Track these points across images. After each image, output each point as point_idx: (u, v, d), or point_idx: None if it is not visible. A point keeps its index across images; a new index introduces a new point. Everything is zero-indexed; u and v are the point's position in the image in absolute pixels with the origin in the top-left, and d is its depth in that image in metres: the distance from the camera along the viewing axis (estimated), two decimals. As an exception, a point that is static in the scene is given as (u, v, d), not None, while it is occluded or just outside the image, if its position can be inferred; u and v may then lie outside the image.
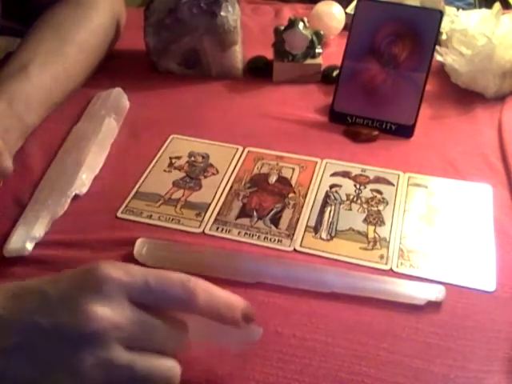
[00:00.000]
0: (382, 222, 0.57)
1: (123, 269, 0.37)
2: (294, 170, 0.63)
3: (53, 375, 0.35)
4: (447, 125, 0.72)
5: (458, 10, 0.85)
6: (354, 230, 0.56)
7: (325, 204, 0.59)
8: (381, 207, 0.58)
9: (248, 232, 0.55)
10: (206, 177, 0.63)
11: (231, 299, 0.39)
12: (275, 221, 0.57)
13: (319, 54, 0.79)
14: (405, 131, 0.69)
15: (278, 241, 0.54)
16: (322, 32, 0.79)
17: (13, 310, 0.36)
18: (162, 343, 0.37)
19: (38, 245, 0.53)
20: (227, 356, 0.44)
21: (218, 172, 0.63)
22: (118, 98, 0.73)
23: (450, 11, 0.84)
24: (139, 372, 0.36)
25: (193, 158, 0.65)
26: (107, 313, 0.35)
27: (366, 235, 0.55)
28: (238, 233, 0.55)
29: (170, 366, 0.37)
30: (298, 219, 0.57)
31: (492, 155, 0.66)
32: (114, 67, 0.80)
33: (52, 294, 0.36)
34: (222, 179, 0.62)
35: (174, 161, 0.65)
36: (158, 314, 0.37)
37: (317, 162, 0.64)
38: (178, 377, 0.38)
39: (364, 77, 0.71)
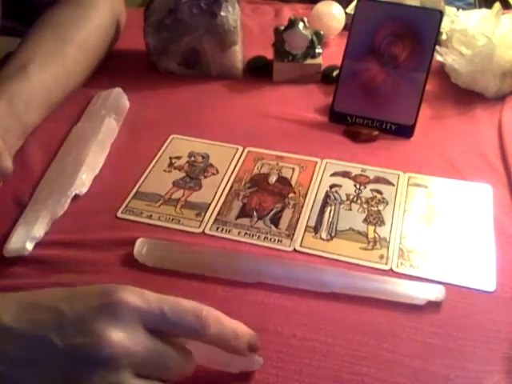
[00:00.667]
0: (381, 222, 0.57)
1: (139, 295, 0.37)
2: (293, 170, 0.63)
3: None
4: (447, 125, 0.72)
5: (458, 9, 0.85)
6: (354, 229, 0.56)
7: (325, 204, 0.59)
8: (381, 207, 0.58)
9: (248, 232, 0.55)
10: (206, 177, 0.63)
11: (238, 329, 0.40)
12: (275, 221, 0.57)
13: (319, 54, 0.79)
14: (405, 131, 0.69)
15: (278, 241, 0.54)
16: (322, 32, 0.79)
17: (27, 325, 0.36)
18: (170, 371, 0.38)
19: (38, 245, 0.53)
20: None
21: (217, 172, 0.63)
22: (118, 98, 0.73)
23: (450, 11, 0.84)
24: None
25: (193, 158, 0.65)
26: (121, 338, 0.35)
27: (366, 235, 0.55)
28: (238, 233, 0.55)
29: None
30: (298, 219, 0.57)
31: (492, 155, 0.66)
32: (114, 67, 0.81)
33: (67, 314, 0.36)
34: (222, 179, 0.62)
35: (174, 161, 0.65)
36: (167, 341, 0.38)
37: (317, 162, 0.64)
38: None
39: (364, 77, 0.71)
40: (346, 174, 0.63)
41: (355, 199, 0.59)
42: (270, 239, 0.55)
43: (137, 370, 0.36)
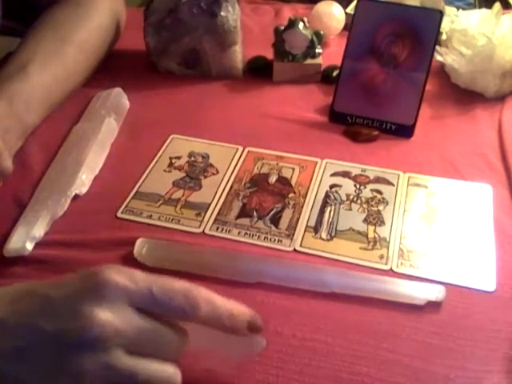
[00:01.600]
0: (382, 222, 0.57)
1: (128, 275, 0.37)
2: (293, 170, 0.63)
3: (54, 379, 0.35)
4: (447, 125, 0.72)
5: (458, 9, 0.85)
6: (354, 230, 0.56)
7: (325, 204, 0.59)
8: (381, 207, 0.58)
9: (248, 232, 0.55)
10: (206, 177, 0.63)
11: (233, 308, 0.39)
12: (275, 221, 0.57)
13: (319, 54, 0.79)
14: (405, 131, 0.69)
15: (278, 241, 0.54)
16: (321, 32, 0.79)
17: (15, 314, 0.36)
18: (163, 349, 0.38)
19: (38, 245, 0.53)
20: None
21: (217, 172, 0.63)
22: (118, 98, 0.73)
23: (450, 11, 0.84)
24: (140, 377, 0.36)
25: (193, 158, 0.65)
26: (109, 318, 0.35)
27: (366, 235, 0.55)
28: (238, 233, 0.55)
29: (170, 372, 0.37)
30: (298, 219, 0.57)
31: (492, 155, 0.66)
32: (114, 67, 0.80)
33: (55, 298, 0.36)
34: (222, 179, 0.62)
35: (174, 161, 0.65)
36: (159, 320, 0.37)
37: (317, 162, 0.64)
38: (179, 382, 0.38)
39: (364, 77, 0.71)
40: (345, 174, 0.63)
41: (355, 199, 0.59)
42: (270, 239, 0.55)
43: (129, 349, 0.36)
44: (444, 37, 0.80)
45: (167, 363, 0.37)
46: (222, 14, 0.76)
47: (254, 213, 0.58)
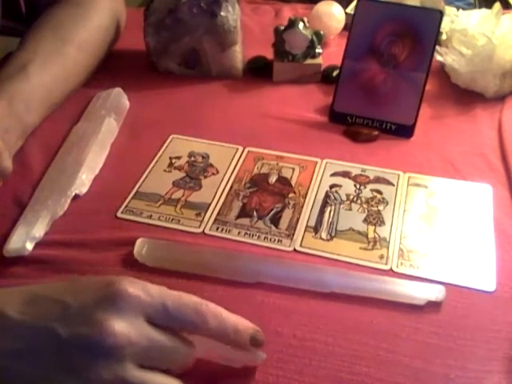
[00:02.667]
0: (382, 222, 0.57)
1: (143, 288, 0.38)
2: (293, 170, 0.63)
3: (64, 381, 0.35)
4: (447, 125, 0.72)
5: (458, 9, 0.85)
6: (354, 230, 0.56)
7: (325, 204, 0.59)
8: (381, 207, 0.58)
9: (248, 232, 0.55)
10: (206, 177, 0.63)
11: (238, 323, 0.40)
12: (275, 221, 0.57)
13: (319, 53, 0.79)
14: (405, 131, 0.69)
15: (278, 241, 0.54)
16: (321, 32, 0.79)
17: (31, 316, 0.37)
18: (172, 361, 0.38)
19: (38, 245, 0.53)
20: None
21: (218, 172, 0.63)
22: (118, 98, 0.73)
23: (450, 11, 0.84)
24: None
25: (193, 158, 0.65)
26: (124, 328, 0.36)
27: (366, 235, 0.55)
28: (238, 233, 0.55)
29: None
30: (298, 219, 0.57)
31: (492, 155, 0.66)
32: (114, 67, 0.80)
33: (71, 305, 0.37)
34: (222, 179, 0.62)
35: (174, 161, 0.65)
36: (169, 333, 0.38)
37: (317, 162, 0.64)
38: None
39: (364, 77, 0.71)
40: (345, 174, 0.63)
41: (355, 199, 0.59)
42: (270, 239, 0.55)
43: (139, 361, 0.36)
44: (444, 37, 0.80)
45: (173, 378, 0.38)
46: (222, 13, 0.76)
47: (254, 213, 0.58)
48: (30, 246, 0.52)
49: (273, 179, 0.62)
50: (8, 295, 0.39)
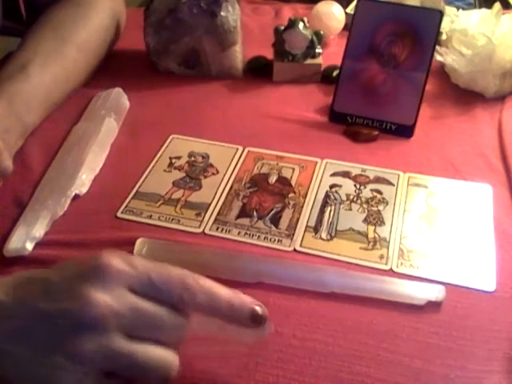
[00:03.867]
0: (382, 222, 0.57)
1: (127, 260, 0.37)
2: (294, 170, 0.63)
3: (52, 359, 0.35)
4: (447, 125, 0.72)
5: (458, 9, 0.85)
6: (354, 229, 0.56)
7: (325, 204, 0.59)
8: (381, 207, 0.58)
9: (248, 232, 0.55)
10: (206, 177, 0.63)
11: (234, 299, 0.39)
12: (275, 221, 0.57)
13: (319, 53, 0.79)
14: (405, 131, 0.69)
15: (278, 241, 0.54)
16: (322, 32, 0.79)
17: (15, 296, 0.37)
18: (163, 334, 0.37)
19: (37, 245, 0.53)
20: (227, 356, 0.44)
21: (217, 172, 0.63)
22: (118, 97, 0.73)
23: (450, 11, 0.84)
24: (138, 361, 0.36)
25: (193, 158, 0.65)
26: (108, 300, 0.35)
27: (366, 235, 0.55)
28: (238, 233, 0.55)
29: (169, 357, 0.37)
30: (298, 219, 0.57)
31: (492, 155, 0.66)
32: (114, 67, 0.81)
33: (54, 280, 0.37)
34: (222, 179, 0.62)
35: (173, 161, 0.65)
36: (158, 305, 0.37)
37: (317, 162, 0.64)
38: (177, 369, 0.38)
39: (364, 77, 0.71)
40: (346, 174, 0.63)
41: (355, 199, 0.59)
42: (270, 239, 0.55)
43: (128, 332, 0.36)
44: (444, 37, 0.80)
45: (166, 348, 0.37)
46: (222, 13, 0.76)
47: (254, 213, 0.58)
48: (30, 246, 0.52)
49: (273, 179, 0.62)
50: (2, 281, 0.39)
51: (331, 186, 0.61)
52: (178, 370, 0.38)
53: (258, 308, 0.39)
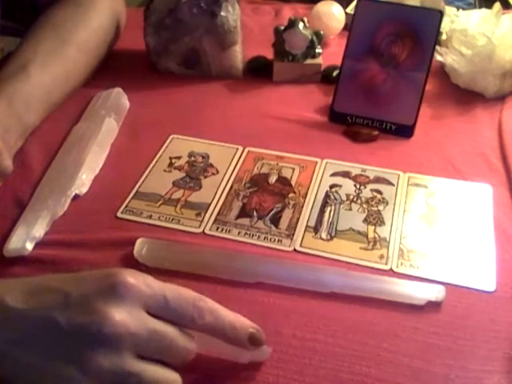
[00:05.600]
0: (382, 222, 0.57)
1: (143, 279, 0.38)
2: (293, 170, 0.63)
3: (64, 369, 0.36)
4: (447, 125, 0.72)
5: (458, 9, 0.85)
6: (354, 230, 0.56)
7: (325, 204, 0.59)
8: (381, 207, 0.58)
9: (248, 232, 0.55)
10: (206, 177, 0.63)
11: (236, 320, 0.41)
12: (275, 221, 0.57)
13: (319, 54, 0.79)
14: (405, 131, 0.69)
15: (278, 241, 0.54)
16: (321, 32, 0.79)
17: (31, 305, 0.37)
18: (172, 354, 0.38)
19: (37, 245, 0.53)
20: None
21: (217, 172, 0.63)
22: (118, 97, 0.73)
23: (450, 11, 0.84)
24: (145, 381, 0.37)
25: (193, 158, 0.65)
26: (124, 318, 0.36)
27: (366, 235, 0.55)
28: (238, 233, 0.55)
29: (174, 379, 0.38)
30: (298, 219, 0.57)
31: (492, 155, 0.66)
32: (114, 67, 0.81)
33: (72, 294, 0.37)
34: (222, 179, 0.62)
35: (173, 161, 0.65)
36: (170, 325, 0.38)
37: (317, 162, 0.64)
38: None
39: (364, 77, 0.71)
40: (345, 174, 0.63)
41: (355, 199, 0.59)
42: (270, 239, 0.55)
43: (139, 352, 0.37)
44: (444, 37, 0.80)
45: (171, 370, 0.38)
46: (222, 13, 0.76)
47: (254, 213, 0.58)
48: (29, 246, 0.52)
49: (273, 179, 0.62)
50: (8, 285, 0.39)
51: (331, 186, 0.61)
52: None
53: (254, 331, 0.41)
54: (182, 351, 0.39)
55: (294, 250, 0.54)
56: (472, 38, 0.74)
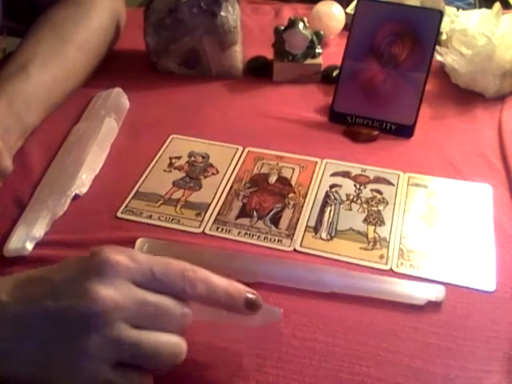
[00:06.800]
0: (382, 222, 0.57)
1: (128, 254, 0.38)
2: (293, 170, 0.63)
3: (62, 357, 0.36)
4: (447, 125, 0.72)
5: (458, 9, 0.85)
6: (354, 230, 0.56)
7: (325, 204, 0.59)
8: (381, 207, 0.58)
9: (248, 232, 0.55)
10: (206, 177, 0.63)
11: (230, 287, 0.40)
12: (275, 221, 0.57)
13: (319, 54, 0.79)
14: (405, 131, 0.69)
15: (278, 241, 0.54)
16: (321, 32, 0.79)
17: (20, 298, 0.37)
18: (166, 322, 0.38)
19: (37, 245, 0.53)
20: (228, 356, 0.44)
21: (217, 172, 0.63)
22: (118, 97, 0.73)
23: (450, 11, 0.84)
24: (146, 349, 0.37)
25: (193, 158, 0.65)
26: (111, 293, 0.36)
27: (366, 235, 0.55)
28: (238, 233, 0.55)
29: (175, 342, 0.38)
30: (298, 219, 0.57)
31: (492, 155, 0.66)
32: (114, 67, 0.80)
33: (57, 280, 0.37)
34: (222, 179, 0.62)
35: (173, 161, 0.65)
36: (159, 295, 0.38)
37: (317, 162, 0.64)
38: (185, 352, 0.38)
39: (364, 77, 0.71)
40: (345, 174, 0.63)
41: (355, 199, 0.59)
42: (270, 239, 0.55)
43: (133, 323, 0.37)
44: (444, 37, 0.80)
45: (172, 334, 0.38)
46: (222, 13, 0.76)
47: (254, 213, 0.58)
48: (29, 246, 0.52)
49: (273, 179, 0.62)
50: (1, 283, 0.39)
51: (331, 186, 0.61)
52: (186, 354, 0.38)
53: (250, 295, 0.40)
54: (176, 316, 0.38)
55: (294, 250, 0.54)
56: (472, 37, 0.74)
